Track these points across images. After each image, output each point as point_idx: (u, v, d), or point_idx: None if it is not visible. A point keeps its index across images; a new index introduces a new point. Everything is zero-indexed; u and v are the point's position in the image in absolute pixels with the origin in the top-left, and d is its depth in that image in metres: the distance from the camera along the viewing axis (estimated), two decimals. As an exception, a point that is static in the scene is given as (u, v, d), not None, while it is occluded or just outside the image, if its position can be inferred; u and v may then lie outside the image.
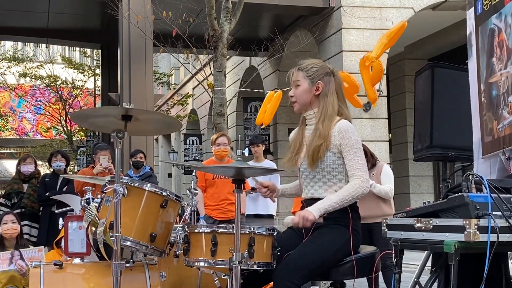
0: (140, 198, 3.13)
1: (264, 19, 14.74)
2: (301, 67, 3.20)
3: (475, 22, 3.71)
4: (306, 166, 3.15)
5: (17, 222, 4.99)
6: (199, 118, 22.59)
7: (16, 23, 14.78)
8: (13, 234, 4.93)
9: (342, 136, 3.05)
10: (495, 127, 3.43)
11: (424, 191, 15.54)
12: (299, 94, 3.18)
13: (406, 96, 15.87)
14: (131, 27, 11.11)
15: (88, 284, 3.35)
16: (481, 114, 3.62)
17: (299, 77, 3.18)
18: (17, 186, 7.15)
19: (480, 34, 3.63)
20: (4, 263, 4.52)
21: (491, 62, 3.48)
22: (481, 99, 3.61)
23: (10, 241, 4.93)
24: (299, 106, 3.21)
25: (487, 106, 3.53)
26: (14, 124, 30.89)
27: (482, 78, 3.59)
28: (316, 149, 3.04)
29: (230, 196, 6.11)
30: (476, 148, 3.73)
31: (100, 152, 6.18)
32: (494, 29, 3.44)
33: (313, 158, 3.06)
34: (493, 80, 3.45)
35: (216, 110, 8.94)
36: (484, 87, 3.57)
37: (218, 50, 8.86)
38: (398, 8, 12.73)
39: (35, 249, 4.63)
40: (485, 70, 3.55)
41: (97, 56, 21.85)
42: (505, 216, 2.70)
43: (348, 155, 3.04)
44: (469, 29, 3.84)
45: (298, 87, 3.18)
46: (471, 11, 3.81)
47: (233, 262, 2.78)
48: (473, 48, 3.74)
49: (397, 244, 3.09)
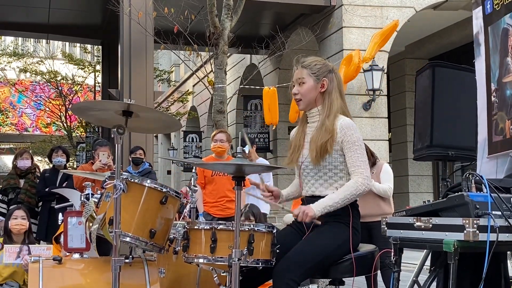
0: (140, 194, 3.12)
1: (265, 17, 14.74)
2: (305, 64, 3.19)
3: (484, 21, 3.69)
4: (308, 164, 3.14)
5: (26, 218, 5.00)
6: (199, 116, 22.59)
7: (16, 19, 14.78)
8: (21, 229, 4.95)
9: (344, 133, 3.05)
10: (508, 126, 3.42)
11: (424, 190, 15.55)
12: (305, 91, 3.16)
13: (406, 96, 15.87)
14: (132, 23, 11.10)
15: (87, 279, 3.35)
16: (489, 113, 3.60)
17: (304, 75, 3.16)
18: (14, 182, 7.13)
19: (491, 34, 3.61)
20: (12, 256, 4.55)
21: (505, 61, 3.46)
22: (491, 98, 3.60)
23: (18, 236, 4.95)
24: (304, 104, 3.19)
25: (500, 105, 3.51)
26: (14, 120, 30.86)
27: (494, 78, 3.57)
28: (323, 144, 3.04)
29: (229, 193, 6.10)
30: (481, 147, 3.72)
31: (99, 148, 6.16)
32: (508, 28, 3.43)
33: (320, 153, 3.05)
34: (508, 80, 3.44)
35: (216, 107, 8.94)
36: (496, 86, 3.55)
37: (219, 48, 8.86)
38: (399, 7, 12.73)
39: (44, 247, 4.64)
40: (498, 70, 3.53)
41: (97, 52, 21.86)
42: (504, 216, 2.70)
43: (349, 152, 3.05)
44: (476, 29, 3.82)
45: (302, 84, 3.16)
46: (478, 10, 3.78)
47: (232, 259, 2.78)
48: (482, 47, 3.72)
49: (397, 243, 3.09)
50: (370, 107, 12.38)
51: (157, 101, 22.95)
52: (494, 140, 3.56)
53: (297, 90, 3.18)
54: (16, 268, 4.55)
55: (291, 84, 3.24)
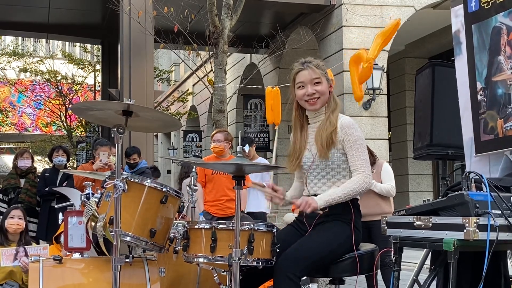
0: (140, 194, 3.13)
1: (265, 16, 14.74)
2: (314, 64, 3.22)
3: (466, 19, 3.71)
4: (311, 164, 3.16)
5: (23, 219, 4.99)
6: (199, 115, 22.58)
7: (16, 18, 14.77)
8: (18, 229, 4.94)
9: (345, 132, 3.08)
10: (500, 125, 3.42)
11: (423, 189, 15.55)
12: (324, 91, 3.20)
13: (406, 95, 15.86)
14: (132, 22, 11.10)
15: (87, 279, 3.35)
16: (475, 112, 3.61)
17: (319, 75, 3.19)
18: (14, 181, 7.14)
19: (476, 32, 3.62)
20: (9, 259, 4.53)
21: (496, 60, 3.46)
22: (476, 97, 3.60)
23: (14, 236, 4.94)
24: (321, 103, 3.21)
25: (489, 104, 3.52)
26: (14, 119, 30.86)
27: (481, 76, 3.57)
28: (328, 135, 3.08)
29: (229, 192, 6.09)
30: (468, 146, 3.73)
31: (100, 148, 6.17)
32: (501, 27, 3.43)
33: (326, 144, 3.08)
34: (500, 79, 3.44)
35: (216, 106, 8.94)
36: (483, 85, 3.56)
37: (219, 47, 8.87)
38: (399, 7, 12.73)
39: (40, 247, 4.64)
40: (486, 68, 3.54)
41: (97, 51, 21.85)
42: (504, 215, 2.70)
43: (351, 150, 3.08)
44: (456, 27, 3.84)
45: (318, 84, 3.19)
46: (459, 8, 3.81)
47: (232, 259, 2.79)
48: (463, 45, 3.75)
49: (397, 242, 3.09)
50: (370, 106, 12.37)
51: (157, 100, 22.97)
52: (483, 139, 3.56)
53: (314, 90, 3.18)
54: (13, 268, 4.54)
55: (299, 84, 3.23)
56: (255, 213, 7.15)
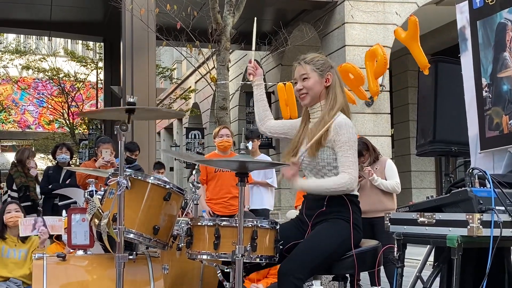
0: (143, 191, 3.13)
1: (267, 13, 14.72)
2: (307, 60, 3.20)
3: (471, 15, 3.70)
4: (304, 159, 3.15)
5: (20, 211, 5.02)
6: (202, 112, 22.59)
7: (19, 16, 14.79)
8: (16, 222, 4.96)
9: (336, 132, 3.05)
10: (506, 122, 3.41)
11: (426, 186, 15.55)
12: (311, 86, 3.17)
13: (409, 91, 15.85)
14: (134, 20, 11.10)
15: (91, 276, 3.36)
16: (480, 108, 3.60)
17: (307, 70, 3.17)
18: (24, 180, 7.19)
19: (481, 28, 3.61)
20: (28, 229, 4.59)
21: (502, 56, 3.45)
22: (481, 93, 3.60)
23: (14, 229, 4.96)
24: (310, 99, 3.19)
25: (494, 100, 3.51)
26: (16, 117, 30.92)
27: (486, 73, 3.57)
28: (318, 136, 3.06)
29: (232, 190, 6.08)
30: (473, 143, 3.72)
31: (102, 146, 6.16)
32: (506, 23, 3.42)
33: (315, 145, 3.08)
34: (505, 75, 3.43)
35: (218, 104, 8.94)
36: (488, 81, 3.55)
37: (221, 44, 8.86)
38: (401, 3, 12.70)
39: (56, 218, 4.67)
40: (491, 65, 3.53)
41: (99, 49, 21.86)
42: (508, 211, 2.70)
43: (340, 151, 3.04)
44: (462, 23, 3.83)
45: (306, 80, 3.17)
46: (464, 4, 3.79)
47: (235, 255, 2.79)
48: (468, 42, 3.73)
49: (400, 239, 3.09)
50: (372, 103, 12.36)
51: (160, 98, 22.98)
52: (488, 135, 3.55)
53: (301, 86, 3.19)
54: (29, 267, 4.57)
55: (294, 80, 3.25)
56: (258, 210, 7.14)
